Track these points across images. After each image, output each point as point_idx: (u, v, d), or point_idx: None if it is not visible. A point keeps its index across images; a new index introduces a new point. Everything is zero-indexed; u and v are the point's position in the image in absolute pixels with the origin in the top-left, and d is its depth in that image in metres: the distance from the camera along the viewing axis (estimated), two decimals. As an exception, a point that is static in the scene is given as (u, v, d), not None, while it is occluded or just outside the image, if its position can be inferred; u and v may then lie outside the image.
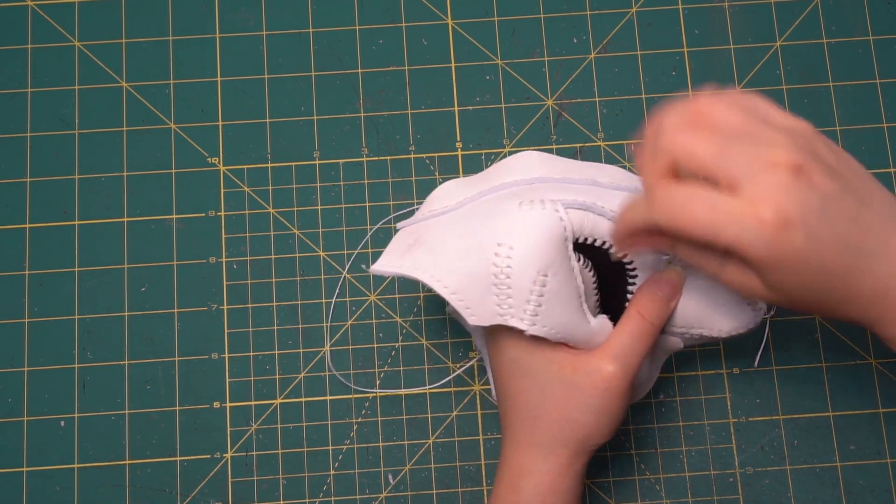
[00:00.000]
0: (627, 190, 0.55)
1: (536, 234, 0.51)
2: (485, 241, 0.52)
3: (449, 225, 0.54)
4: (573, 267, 0.52)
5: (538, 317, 0.51)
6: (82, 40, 0.68)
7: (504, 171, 0.56)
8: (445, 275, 0.52)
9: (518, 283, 0.51)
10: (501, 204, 0.53)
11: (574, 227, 0.52)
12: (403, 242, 0.55)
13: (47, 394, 0.63)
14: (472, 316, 0.52)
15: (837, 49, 0.68)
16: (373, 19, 0.68)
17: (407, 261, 0.54)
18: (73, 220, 0.65)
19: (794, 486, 0.62)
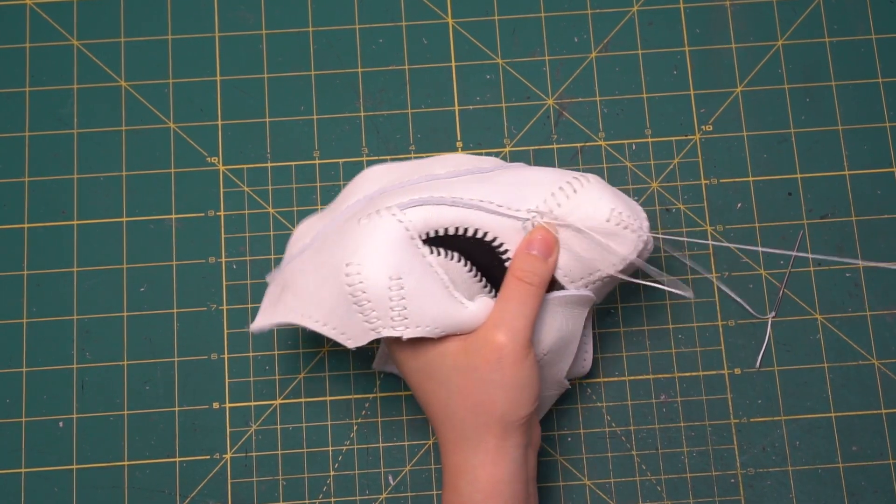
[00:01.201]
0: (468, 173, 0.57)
1: (378, 243, 0.53)
2: (335, 266, 0.53)
3: (305, 261, 0.56)
4: (430, 262, 0.53)
5: (407, 319, 0.53)
6: (81, 39, 0.68)
7: (349, 193, 0.58)
8: (312, 310, 0.55)
9: (374, 294, 0.53)
10: (346, 226, 0.55)
11: (416, 224, 0.54)
12: (274, 294, 0.57)
13: (46, 394, 0.63)
14: (348, 340, 0.54)
15: (839, 48, 0.68)
16: (373, 18, 0.68)
17: (279, 310, 0.56)
18: (71, 219, 0.65)
19: (796, 487, 0.62)
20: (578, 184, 0.55)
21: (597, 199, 0.55)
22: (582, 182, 0.55)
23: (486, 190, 0.55)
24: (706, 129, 0.67)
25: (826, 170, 0.66)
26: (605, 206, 0.55)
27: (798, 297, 0.64)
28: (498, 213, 0.55)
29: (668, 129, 0.67)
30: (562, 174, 0.56)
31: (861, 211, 0.66)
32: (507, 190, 0.56)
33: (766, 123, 0.67)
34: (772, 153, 0.66)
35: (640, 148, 0.67)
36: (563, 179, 0.56)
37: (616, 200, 0.55)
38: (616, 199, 0.55)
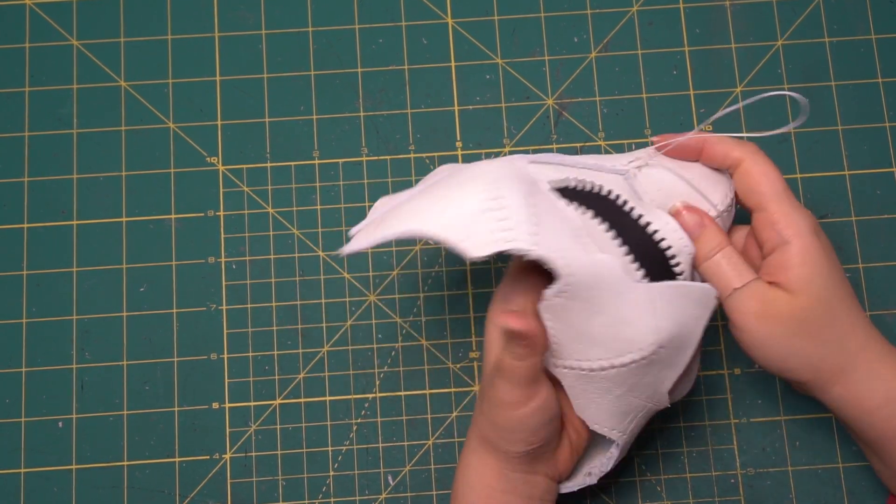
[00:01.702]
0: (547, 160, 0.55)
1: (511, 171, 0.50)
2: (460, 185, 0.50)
3: (412, 200, 0.52)
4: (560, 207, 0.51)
5: (538, 236, 0.49)
6: (80, 39, 0.68)
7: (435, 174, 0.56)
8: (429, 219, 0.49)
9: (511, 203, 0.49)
10: (460, 169, 0.52)
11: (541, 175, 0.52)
12: (368, 228, 0.52)
13: (45, 394, 0.63)
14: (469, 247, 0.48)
15: (839, 48, 0.68)
16: (372, 18, 0.68)
17: (381, 230, 0.50)
18: (71, 219, 0.65)
19: (796, 488, 0.62)
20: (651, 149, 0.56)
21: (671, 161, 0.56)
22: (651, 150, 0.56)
23: (579, 160, 0.55)
24: (707, 129, 0.67)
25: (826, 170, 0.66)
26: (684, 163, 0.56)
27: (798, 298, 0.64)
28: (601, 170, 0.54)
29: (668, 128, 0.67)
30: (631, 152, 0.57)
31: (861, 211, 0.66)
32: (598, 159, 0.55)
33: (766, 123, 0.67)
34: (772, 153, 0.66)
35: (640, 148, 0.66)
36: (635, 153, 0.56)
37: None
38: None
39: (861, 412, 0.52)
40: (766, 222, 0.53)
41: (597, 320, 0.51)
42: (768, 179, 0.53)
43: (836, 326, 0.52)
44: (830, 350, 0.52)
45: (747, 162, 0.53)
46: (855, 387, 0.52)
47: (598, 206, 0.53)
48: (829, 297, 0.51)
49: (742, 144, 0.54)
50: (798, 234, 0.52)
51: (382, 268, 0.65)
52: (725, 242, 0.53)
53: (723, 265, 0.52)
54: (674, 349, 0.52)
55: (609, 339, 0.51)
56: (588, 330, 0.51)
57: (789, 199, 0.53)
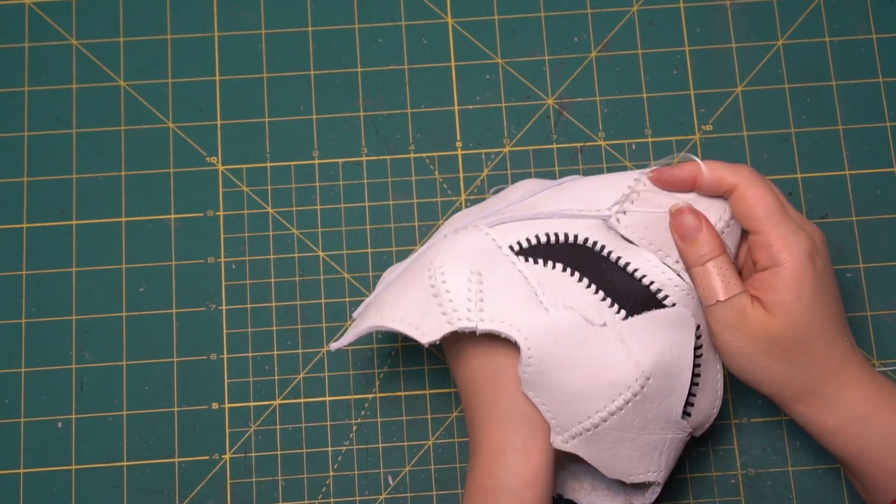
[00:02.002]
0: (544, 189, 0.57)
1: (464, 246, 0.54)
2: (420, 268, 0.54)
3: (389, 285, 0.57)
4: (519, 269, 0.53)
5: (484, 312, 0.52)
6: (80, 39, 0.68)
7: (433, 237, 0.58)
8: (389, 311, 0.55)
9: (454, 285, 0.53)
10: (427, 248, 0.56)
11: (504, 237, 0.54)
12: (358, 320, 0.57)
13: (44, 395, 0.63)
14: (423, 335, 0.53)
15: (840, 48, 0.68)
16: (372, 18, 0.68)
17: (359, 323, 0.56)
18: (70, 219, 0.65)
19: (797, 488, 0.62)
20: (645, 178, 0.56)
21: None
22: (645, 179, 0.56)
23: (562, 200, 0.56)
24: (706, 129, 0.67)
25: (826, 170, 0.66)
26: None
27: (798, 298, 0.64)
28: (582, 217, 0.55)
29: (668, 128, 0.67)
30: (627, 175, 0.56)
31: (861, 211, 0.65)
32: (585, 196, 0.56)
33: (767, 123, 0.67)
34: (772, 153, 0.66)
35: (640, 148, 0.66)
36: (631, 177, 0.56)
37: None
38: None
39: (822, 431, 0.53)
40: (762, 244, 0.53)
41: (575, 374, 0.52)
42: (762, 203, 0.53)
43: (808, 351, 0.52)
44: (798, 372, 0.53)
45: (741, 187, 0.54)
46: (816, 407, 0.53)
47: (572, 255, 0.54)
48: (807, 322, 0.52)
49: (735, 168, 0.54)
50: (790, 258, 0.52)
51: (382, 267, 0.65)
52: (719, 250, 0.53)
53: (712, 274, 0.53)
54: (665, 377, 0.53)
55: (595, 389, 0.52)
56: (571, 386, 0.52)
57: (785, 222, 0.53)
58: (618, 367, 0.52)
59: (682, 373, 0.53)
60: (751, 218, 0.53)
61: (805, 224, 0.54)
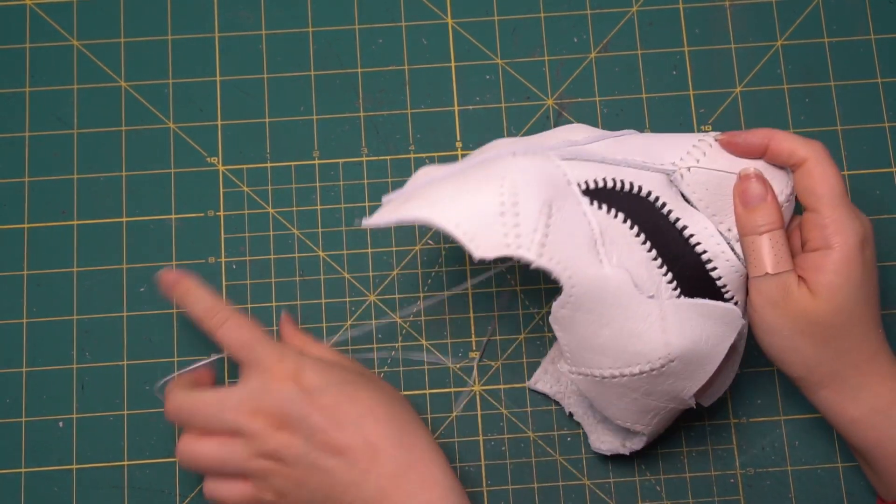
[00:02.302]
0: (603, 138, 0.55)
1: (536, 173, 0.51)
2: (486, 179, 0.51)
3: (441, 181, 0.54)
4: (585, 211, 0.52)
5: (545, 247, 0.50)
6: (81, 39, 0.68)
7: (480, 152, 0.56)
8: (445, 210, 0.51)
9: (526, 209, 0.50)
10: (496, 159, 0.53)
11: (575, 173, 0.52)
12: (394, 203, 0.54)
13: (45, 394, 0.63)
14: (477, 248, 0.50)
15: (839, 48, 0.68)
16: (372, 18, 0.68)
17: (402, 210, 0.52)
18: (71, 219, 0.65)
19: (796, 487, 0.62)
20: (711, 139, 0.55)
21: None
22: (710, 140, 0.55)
23: (627, 150, 0.54)
24: (706, 130, 0.67)
25: (825, 170, 0.66)
26: None
27: (797, 297, 0.64)
28: (646, 168, 0.54)
29: (668, 129, 0.67)
30: (690, 136, 0.56)
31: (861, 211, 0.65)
32: (647, 149, 0.55)
33: (766, 123, 0.67)
34: (771, 153, 0.66)
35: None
36: (695, 137, 0.55)
37: None
38: None
39: (844, 419, 0.54)
40: (816, 223, 0.53)
41: (604, 332, 0.52)
42: (828, 182, 0.53)
43: (844, 338, 0.52)
44: (830, 356, 0.53)
45: (811, 161, 0.53)
46: (842, 394, 0.53)
47: (633, 208, 0.53)
48: (849, 310, 0.52)
49: (809, 143, 0.54)
50: (843, 243, 0.52)
51: (382, 268, 0.65)
52: (778, 224, 0.53)
53: (766, 246, 0.53)
54: (690, 364, 0.53)
55: (617, 351, 0.52)
56: (596, 341, 0.52)
57: (844, 206, 0.53)
58: (648, 341, 0.52)
59: (709, 365, 0.54)
60: (813, 195, 0.53)
61: (859, 214, 0.54)
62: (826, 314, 0.52)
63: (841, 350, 0.52)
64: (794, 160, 0.54)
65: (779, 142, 0.54)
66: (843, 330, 0.52)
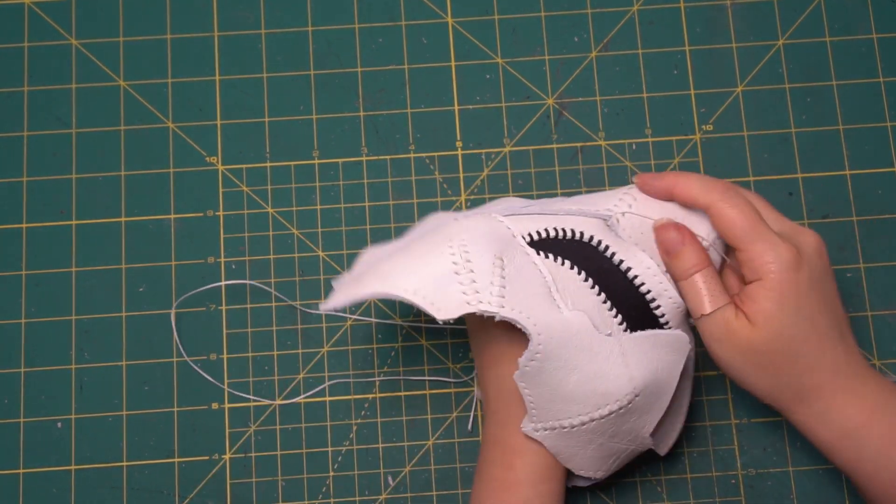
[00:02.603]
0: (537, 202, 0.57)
1: (483, 229, 0.53)
2: (434, 246, 0.53)
3: (390, 255, 0.55)
4: (534, 261, 0.53)
5: (505, 298, 0.51)
6: (79, 38, 0.68)
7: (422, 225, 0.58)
8: (400, 280, 0.52)
9: (479, 265, 0.52)
10: (437, 228, 0.54)
11: (517, 227, 0.54)
12: (346, 282, 0.55)
13: (44, 395, 0.63)
14: (439, 311, 0.51)
15: (840, 47, 0.68)
16: (372, 18, 0.68)
17: (358, 287, 0.53)
18: (70, 219, 0.65)
19: (797, 488, 0.62)
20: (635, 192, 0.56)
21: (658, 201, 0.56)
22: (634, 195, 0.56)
23: (563, 205, 0.56)
24: (706, 129, 0.67)
25: (827, 170, 0.66)
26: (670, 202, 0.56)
27: (799, 298, 0.64)
28: (583, 215, 0.55)
29: (669, 128, 0.67)
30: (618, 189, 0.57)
31: (862, 211, 0.65)
32: (580, 202, 0.56)
33: (767, 123, 0.67)
34: (772, 153, 0.66)
35: (640, 148, 0.66)
36: (623, 189, 0.57)
37: None
38: None
39: (818, 442, 0.54)
40: (741, 259, 0.53)
41: (572, 378, 0.53)
42: (737, 222, 0.53)
43: (795, 363, 0.52)
44: (786, 383, 0.53)
45: (713, 207, 0.53)
46: (811, 418, 0.53)
47: (578, 253, 0.54)
48: (790, 334, 0.52)
49: (708, 190, 0.54)
50: (769, 271, 0.52)
51: (382, 268, 0.65)
52: (704, 263, 0.53)
53: (698, 286, 0.53)
54: (650, 395, 0.54)
55: (586, 395, 0.53)
56: (565, 389, 0.53)
57: (762, 238, 0.52)
58: (614, 379, 0.53)
59: (665, 394, 0.55)
60: (727, 235, 0.53)
61: (795, 232, 0.54)
62: (766, 342, 0.52)
63: (795, 374, 0.53)
64: (698, 206, 0.54)
65: (680, 190, 0.55)
66: (790, 355, 0.52)
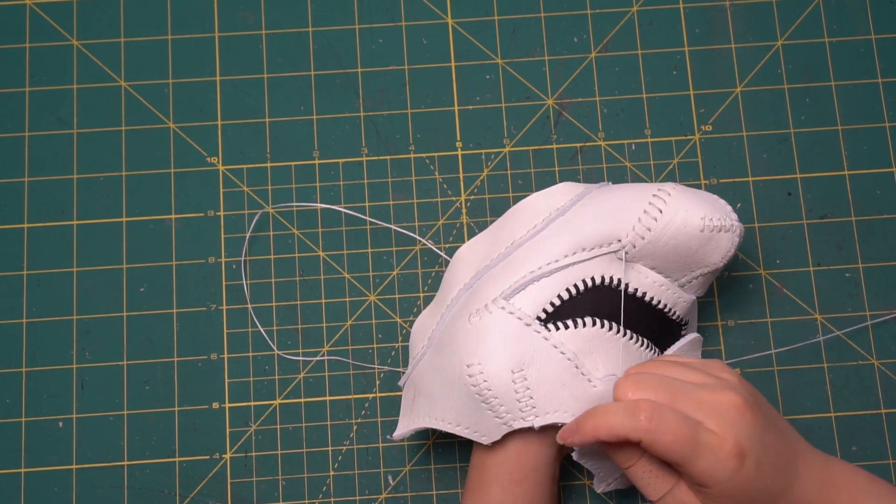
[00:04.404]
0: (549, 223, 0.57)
1: (494, 340, 0.54)
2: (456, 369, 0.54)
3: (428, 365, 0.57)
4: (553, 344, 0.54)
5: (536, 408, 0.53)
6: (80, 39, 0.68)
7: (449, 282, 0.59)
8: (443, 412, 0.55)
9: (500, 390, 0.53)
10: (457, 325, 0.55)
11: (527, 309, 0.54)
12: (409, 398, 0.58)
13: (45, 394, 0.63)
14: (482, 437, 0.54)
15: (839, 48, 0.68)
16: (372, 18, 0.68)
17: (415, 416, 0.57)
18: (71, 219, 0.65)
19: (796, 487, 0.62)
20: (661, 201, 0.55)
21: (685, 210, 0.55)
22: (664, 197, 0.55)
23: (573, 238, 0.56)
24: (706, 129, 0.67)
25: (826, 170, 0.66)
26: (695, 216, 0.55)
27: (798, 297, 0.64)
28: (594, 258, 0.55)
29: (668, 129, 0.67)
30: (640, 191, 0.56)
31: (861, 211, 0.66)
32: (594, 227, 0.56)
33: (766, 123, 0.67)
34: (771, 153, 0.66)
35: (639, 148, 0.66)
36: (645, 199, 0.56)
37: (702, 205, 0.55)
38: (702, 203, 0.55)
39: None
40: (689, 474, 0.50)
41: None
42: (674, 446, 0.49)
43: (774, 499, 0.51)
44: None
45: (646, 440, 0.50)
46: None
47: (595, 301, 0.55)
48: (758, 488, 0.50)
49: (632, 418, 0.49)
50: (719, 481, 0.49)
51: (382, 268, 0.65)
52: (636, 457, 0.51)
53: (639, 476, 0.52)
54: None
55: None
56: None
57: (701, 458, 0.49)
58: None
59: None
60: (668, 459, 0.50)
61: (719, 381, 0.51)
62: None
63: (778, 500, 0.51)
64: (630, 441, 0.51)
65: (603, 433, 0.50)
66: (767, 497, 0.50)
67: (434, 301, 0.60)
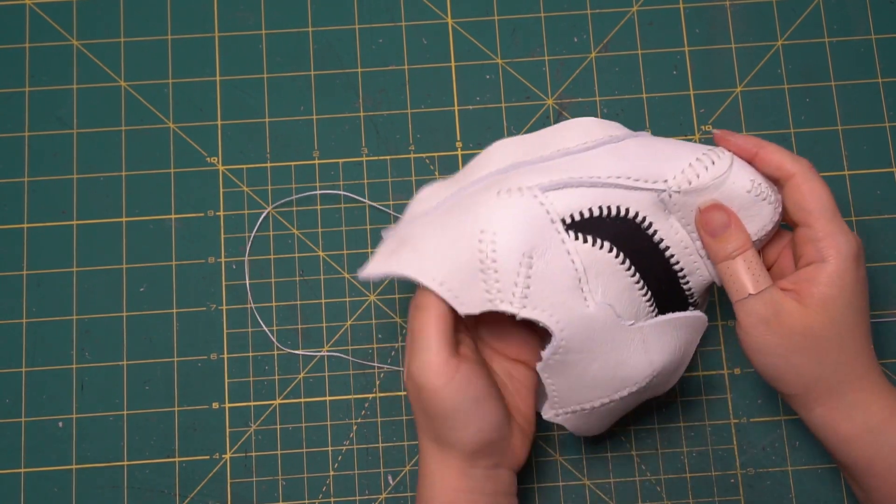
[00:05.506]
0: (600, 144, 0.55)
1: (517, 218, 0.52)
2: (467, 230, 0.52)
3: (430, 222, 0.55)
4: (568, 249, 0.52)
5: (527, 299, 0.52)
6: (80, 39, 0.68)
7: (477, 166, 0.57)
8: (430, 267, 0.53)
9: (504, 265, 0.51)
10: (479, 196, 0.54)
11: (558, 207, 0.53)
12: (389, 247, 0.55)
13: (45, 394, 0.63)
14: (461, 305, 0.52)
15: (839, 48, 0.68)
16: (372, 18, 0.68)
17: (393, 261, 0.54)
18: (71, 219, 0.65)
19: (796, 488, 0.62)
20: (715, 155, 0.54)
21: (737, 168, 0.54)
22: (718, 153, 0.54)
23: (621, 165, 0.54)
24: (706, 130, 0.67)
25: (826, 170, 0.66)
26: (745, 177, 0.54)
27: (798, 298, 0.64)
28: (637, 188, 0.54)
29: (668, 129, 0.67)
30: (693, 148, 0.55)
31: (861, 211, 0.66)
32: (643, 163, 0.55)
33: (766, 123, 0.67)
34: (772, 153, 0.66)
35: (641, 147, 0.66)
36: (699, 151, 0.55)
37: (754, 172, 0.55)
38: (754, 170, 0.55)
39: (837, 438, 0.53)
40: (809, 238, 0.53)
41: (593, 367, 0.53)
42: (818, 198, 0.53)
43: (839, 352, 0.52)
44: (826, 372, 0.52)
45: (798, 177, 0.53)
46: (837, 412, 0.53)
47: (619, 232, 0.54)
48: (842, 322, 0.52)
49: (796, 159, 0.54)
50: (837, 255, 0.52)
51: (382, 268, 0.65)
52: (747, 245, 0.53)
53: (741, 268, 0.53)
54: (668, 374, 0.55)
55: (607, 381, 0.54)
56: (586, 377, 0.54)
57: (837, 221, 0.52)
58: (634, 365, 0.53)
59: (681, 368, 0.56)
60: (803, 210, 0.53)
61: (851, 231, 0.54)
62: (820, 327, 0.52)
63: (837, 364, 0.52)
64: (781, 173, 0.54)
65: (768, 153, 0.54)
66: (837, 343, 0.52)
67: (452, 178, 0.58)
